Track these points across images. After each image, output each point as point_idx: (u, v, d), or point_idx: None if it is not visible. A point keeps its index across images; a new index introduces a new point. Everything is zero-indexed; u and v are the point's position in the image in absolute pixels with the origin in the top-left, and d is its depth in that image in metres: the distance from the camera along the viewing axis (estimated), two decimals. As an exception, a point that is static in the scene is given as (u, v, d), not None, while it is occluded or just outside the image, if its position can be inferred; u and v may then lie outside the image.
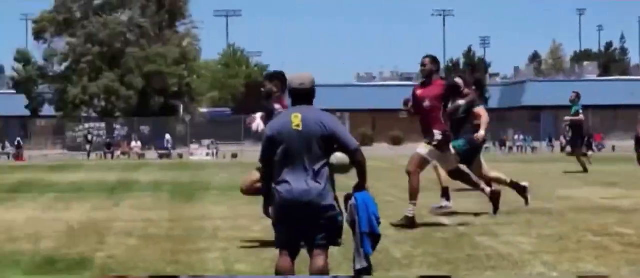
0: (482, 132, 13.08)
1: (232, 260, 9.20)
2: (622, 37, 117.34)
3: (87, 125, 66.79)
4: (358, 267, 6.80)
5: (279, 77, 9.80)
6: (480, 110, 13.26)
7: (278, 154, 6.61)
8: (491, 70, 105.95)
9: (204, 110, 78.89)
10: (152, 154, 55.56)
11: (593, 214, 12.48)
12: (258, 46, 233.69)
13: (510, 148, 62.98)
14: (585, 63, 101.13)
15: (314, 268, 6.58)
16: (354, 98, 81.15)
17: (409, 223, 11.14)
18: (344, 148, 6.66)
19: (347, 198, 6.83)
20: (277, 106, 9.54)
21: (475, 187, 11.94)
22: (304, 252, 6.75)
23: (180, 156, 53.39)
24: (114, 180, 22.25)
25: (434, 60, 11.49)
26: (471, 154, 13.05)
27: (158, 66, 67.78)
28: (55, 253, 9.69)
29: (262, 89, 9.91)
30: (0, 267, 8.94)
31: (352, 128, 63.59)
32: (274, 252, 6.93)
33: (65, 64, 70.29)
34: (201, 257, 9.41)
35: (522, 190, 12.79)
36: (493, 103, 35.10)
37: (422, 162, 11.47)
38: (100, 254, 9.61)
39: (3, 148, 59.16)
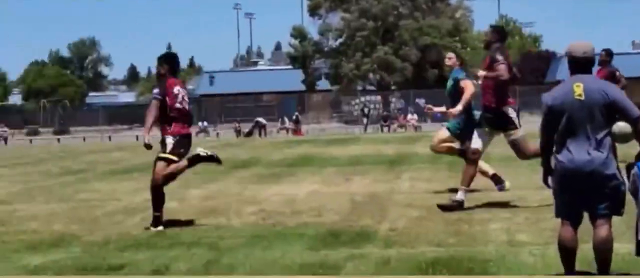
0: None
1: (514, 230, 9.18)
2: None
3: (363, 99, 68.00)
4: (640, 237, 6.64)
5: (168, 60, 10.32)
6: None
7: (560, 124, 6.58)
8: None
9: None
10: (428, 126, 55.73)
11: None
12: (530, 16, 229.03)
13: None
14: None
15: (597, 238, 6.53)
16: (631, 66, 77.76)
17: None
18: (625, 117, 6.54)
19: (629, 167, 6.68)
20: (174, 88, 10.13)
21: None
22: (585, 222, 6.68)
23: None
24: (392, 153, 22.21)
25: None
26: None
27: (432, 38, 68.02)
28: (338, 226, 9.83)
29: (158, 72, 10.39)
30: (285, 240, 9.14)
31: (630, 97, 60.93)
32: (554, 222, 6.87)
33: (339, 40, 71.82)
34: (484, 228, 9.38)
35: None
36: None
37: None
38: (383, 227, 9.69)
39: (282, 123, 61.21)
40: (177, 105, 10.12)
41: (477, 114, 11.54)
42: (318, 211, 11.16)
